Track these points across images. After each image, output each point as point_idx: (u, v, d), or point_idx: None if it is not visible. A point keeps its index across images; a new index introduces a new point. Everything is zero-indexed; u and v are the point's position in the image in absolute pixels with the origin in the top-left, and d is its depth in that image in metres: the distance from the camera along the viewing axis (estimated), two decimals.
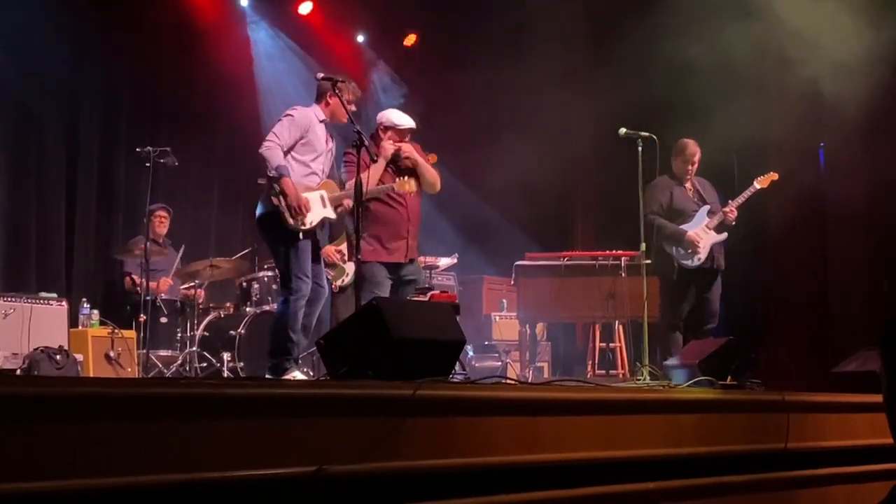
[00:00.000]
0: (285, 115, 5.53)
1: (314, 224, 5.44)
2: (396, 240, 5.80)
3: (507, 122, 9.16)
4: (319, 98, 5.65)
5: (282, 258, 5.42)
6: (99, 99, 8.43)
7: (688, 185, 6.94)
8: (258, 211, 5.51)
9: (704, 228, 6.74)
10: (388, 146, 5.84)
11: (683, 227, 6.75)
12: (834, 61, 7.67)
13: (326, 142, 5.64)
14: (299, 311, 5.36)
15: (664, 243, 6.76)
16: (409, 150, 5.89)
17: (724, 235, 6.80)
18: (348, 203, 5.55)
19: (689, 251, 6.71)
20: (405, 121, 5.94)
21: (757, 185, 6.84)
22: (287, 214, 5.30)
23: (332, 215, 5.61)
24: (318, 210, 5.46)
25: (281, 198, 5.30)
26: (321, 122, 5.60)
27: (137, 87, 8.53)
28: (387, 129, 5.91)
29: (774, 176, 6.89)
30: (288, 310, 5.33)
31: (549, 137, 8.73)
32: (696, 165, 6.91)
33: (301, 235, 5.36)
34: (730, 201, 6.80)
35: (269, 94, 9.40)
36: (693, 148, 6.88)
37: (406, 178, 5.71)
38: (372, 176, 5.59)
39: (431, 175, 5.97)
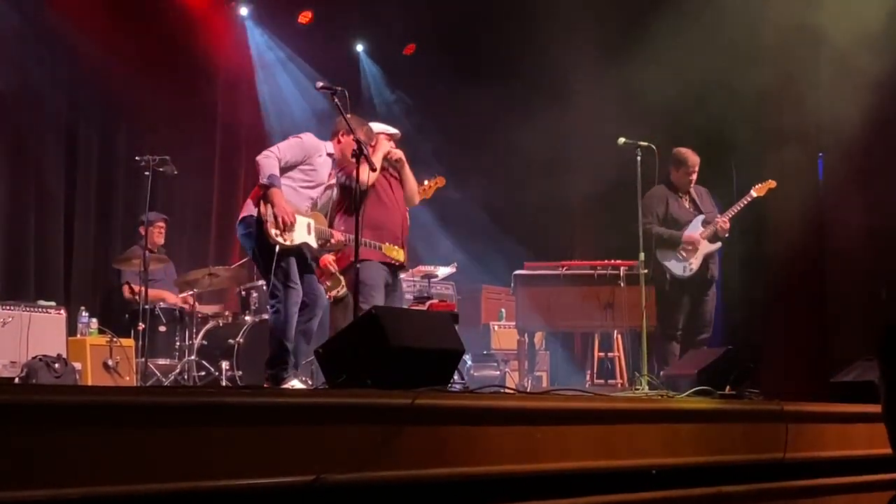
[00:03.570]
0: (295, 136, 5.55)
1: (293, 243, 5.35)
2: (393, 241, 5.82)
3: (506, 131, 9.18)
4: (333, 135, 5.68)
5: (262, 266, 5.40)
6: (98, 107, 8.43)
7: (685, 195, 6.94)
8: (242, 213, 5.46)
9: (698, 237, 6.75)
10: (397, 151, 5.92)
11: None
12: (834, 69, 7.70)
13: (330, 177, 5.64)
14: (291, 319, 5.32)
15: (658, 253, 6.76)
16: (398, 152, 6.00)
17: (718, 245, 6.80)
18: (338, 237, 5.56)
19: (687, 254, 6.70)
20: (393, 129, 6.06)
21: (754, 193, 6.85)
22: (270, 225, 5.24)
23: (314, 244, 5.53)
24: (301, 232, 5.39)
25: (269, 207, 5.26)
26: (329, 155, 5.60)
27: (136, 95, 8.53)
28: (378, 133, 5.93)
29: (772, 184, 6.88)
30: (278, 318, 5.31)
31: (547, 146, 8.75)
32: (696, 175, 6.91)
33: (277, 249, 5.26)
34: (719, 215, 6.80)
35: (269, 103, 9.42)
36: (693, 158, 6.88)
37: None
38: (371, 176, 5.66)
39: (412, 187, 6.07)
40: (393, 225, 5.84)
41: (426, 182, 6.43)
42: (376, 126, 6.00)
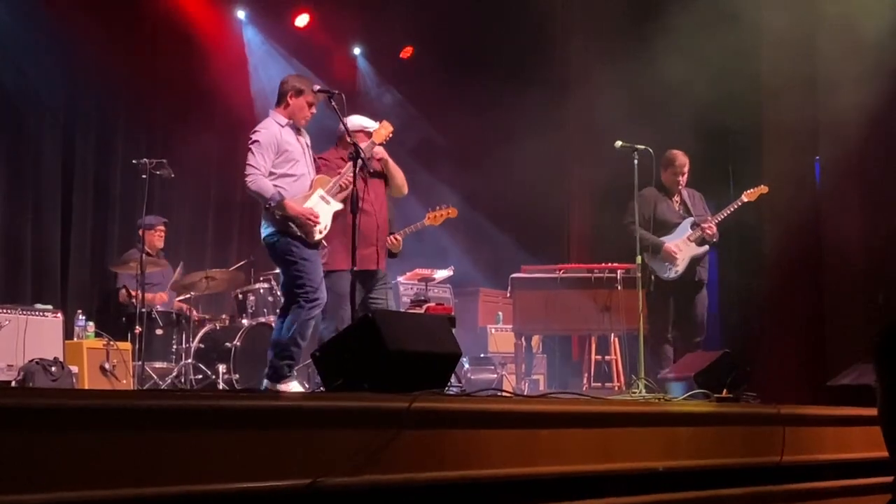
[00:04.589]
0: (252, 143, 5.43)
1: (329, 227, 5.45)
2: (366, 247, 5.70)
3: (504, 134, 9.19)
4: (280, 100, 5.60)
5: (295, 275, 5.39)
6: (95, 110, 8.41)
7: (676, 197, 6.92)
8: (265, 231, 5.47)
9: (685, 241, 6.71)
10: (380, 150, 5.82)
11: (663, 238, 6.73)
12: (830, 72, 7.71)
13: (298, 140, 5.58)
14: (312, 320, 5.37)
15: (644, 255, 6.74)
16: (380, 151, 5.86)
17: (706, 248, 6.76)
18: (345, 180, 5.48)
19: (667, 263, 6.68)
20: (372, 123, 5.90)
21: (745, 198, 6.81)
22: (308, 235, 5.34)
23: (339, 206, 5.56)
24: (325, 212, 5.45)
25: (291, 223, 5.32)
26: (285, 126, 5.53)
27: (133, 98, 8.52)
28: (355, 132, 5.75)
29: (764, 189, 6.86)
30: (301, 317, 5.31)
31: (545, 149, 8.75)
32: (685, 176, 6.89)
33: (318, 245, 5.42)
34: (708, 218, 6.77)
35: (266, 105, 9.37)
36: (682, 159, 6.86)
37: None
38: (346, 171, 5.53)
39: (401, 177, 5.95)
40: (368, 229, 5.71)
41: (437, 209, 6.36)
42: (355, 119, 5.91)
